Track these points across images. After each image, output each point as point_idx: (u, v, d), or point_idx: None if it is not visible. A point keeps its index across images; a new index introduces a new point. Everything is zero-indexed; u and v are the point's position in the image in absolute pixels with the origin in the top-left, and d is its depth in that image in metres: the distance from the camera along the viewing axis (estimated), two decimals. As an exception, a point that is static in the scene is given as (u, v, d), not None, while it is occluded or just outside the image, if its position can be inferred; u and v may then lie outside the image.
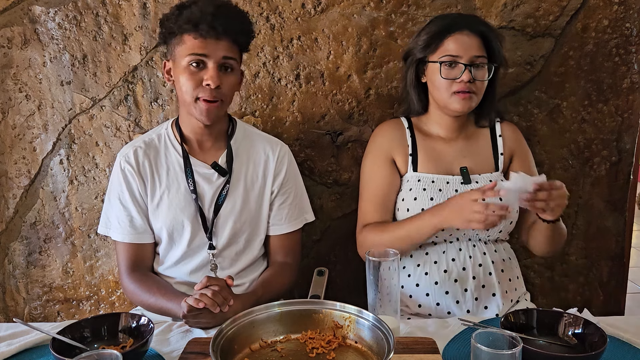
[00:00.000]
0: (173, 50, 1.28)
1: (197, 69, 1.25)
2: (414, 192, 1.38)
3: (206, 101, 1.26)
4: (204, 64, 1.25)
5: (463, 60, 1.33)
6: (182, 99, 1.29)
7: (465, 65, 1.32)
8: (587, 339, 1.02)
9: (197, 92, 1.25)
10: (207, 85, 1.24)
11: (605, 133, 1.72)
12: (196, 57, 1.24)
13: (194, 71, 1.25)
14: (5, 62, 1.69)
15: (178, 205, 1.35)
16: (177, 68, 1.28)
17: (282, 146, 1.45)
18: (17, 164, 1.76)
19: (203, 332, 1.15)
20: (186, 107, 1.30)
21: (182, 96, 1.28)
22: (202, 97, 1.25)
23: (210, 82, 1.23)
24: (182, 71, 1.26)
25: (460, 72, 1.33)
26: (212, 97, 1.25)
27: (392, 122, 1.49)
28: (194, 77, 1.25)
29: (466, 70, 1.32)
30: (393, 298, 1.07)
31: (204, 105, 1.26)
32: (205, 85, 1.24)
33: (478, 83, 1.35)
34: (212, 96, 1.25)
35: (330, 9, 1.64)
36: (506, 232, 1.44)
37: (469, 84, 1.33)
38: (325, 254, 1.80)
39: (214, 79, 1.23)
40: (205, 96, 1.25)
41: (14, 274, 1.84)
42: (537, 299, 1.81)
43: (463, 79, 1.32)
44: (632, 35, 1.65)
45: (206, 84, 1.24)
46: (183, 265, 1.39)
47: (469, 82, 1.32)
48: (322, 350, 0.97)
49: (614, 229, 1.79)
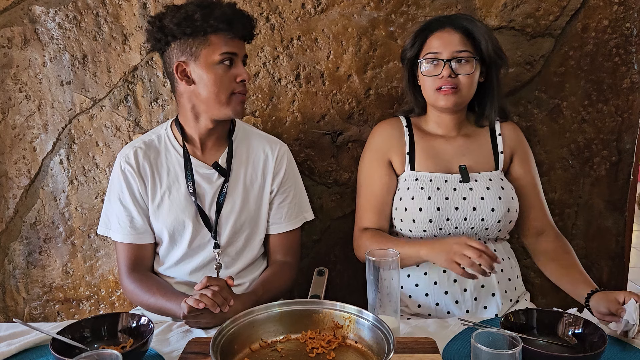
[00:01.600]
0: (197, 50, 1.26)
1: (228, 67, 1.29)
2: (412, 191, 1.38)
3: (242, 94, 1.31)
4: (233, 61, 1.29)
5: (443, 56, 1.34)
6: (211, 97, 1.28)
7: (445, 61, 1.33)
8: (587, 339, 1.03)
9: (231, 88, 1.29)
10: (241, 81, 1.30)
11: (605, 133, 1.72)
12: (229, 55, 1.28)
13: (225, 69, 1.28)
14: (5, 62, 1.69)
15: (179, 206, 1.35)
16: (202, 68, 1.27)
17: (281, 145, 1.45)
18: (17, 164, 1.76)
19: (203, 332, 1.15)
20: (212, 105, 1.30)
21: (212, 95, 1.28)
22: (238, 91, 1.30)
23: (245, 77, 1.30)
24: (210, 70, 1.27)
25: (441, 68, 1.34)
26: (246, 91, 1.34)
27: (390, 121, 1.50)
28: (227, 75, 1.29)
29: (446, 66, 1.33)
30: (393, 298, 1.07)
31: (240, 99, 1.31)
32: (240, 81, 1.30)
33: (462, 78, 1.35)
34: (245, 90, 1.33)
35: (330, 9, 1.64)
36: (506, 231, 1.44)
37: (451, 79, 1.33)
38: (325, 254, 1.80)
39: (248, 74, 1.31)
40: (240, 90, 1.31)
41: (14, 274, 1.84)
42: (537, 299, 1.80)
43: (443, 75, 1.33)
44: (632, 35, 1.65)
45: (241, 80, 1.30)
46: (183, 265, 1.39)
47: (450, 77, 1.33)
48: (322, 350, 0.97)
49: (614, 229, 1.78)
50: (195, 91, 1.29)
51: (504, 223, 1.38)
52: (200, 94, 1.29)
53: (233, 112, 1.31)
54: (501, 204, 1.36)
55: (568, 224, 1.78)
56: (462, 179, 1.38)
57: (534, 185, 1.46)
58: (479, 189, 1.37)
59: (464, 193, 1.36)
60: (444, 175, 1.40)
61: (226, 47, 1.26)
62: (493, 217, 1.36)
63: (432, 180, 1.39)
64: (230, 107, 1.30)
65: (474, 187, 1.37)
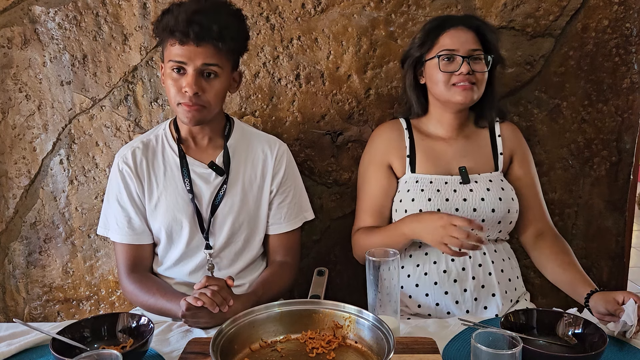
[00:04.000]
0: (162, 54, 1.31)
1: (178, 75, 1.25)
2: (412, 193, 1.38)
3: (187, 105, 1.26)
4: (184, 70, 1.25)
5: (460, 52, 1.34)
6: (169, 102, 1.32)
7: (463, 58, 1.33)
8: (587, 339, 1.03)
9: (178, 97, 1.26)
10: (185, 92, 1.24)
11: (605, 133, 1.72)
12: (175, 63, 1.24)
13: (175, 77, 1.26)
14: (5, 62, 1.69)
15: (176, 205, 1.35)
16: (165, 72, 1.29)
17: (281, 145, 1.45)
18: (17, 164, 1.76)
19: (203, 332, 1.15)
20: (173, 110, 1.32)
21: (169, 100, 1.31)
22: (182, 102, 1.26)
23: (187, 89, 1.24)
24: (167, 76, 1.28)
25: (459, 65, 1.33)
26: (192, 103, 1.25)
27: (390, 124, 1.49)
28: (176, 83, 1.26)
29: (464, 62, 1.33)
30: (393, 298, 1.07)
31: (185, 109, 1.26)
32: (184, 91, 1.25)
33: (478, 75, 1.35)
34: (191, 102, 1.25)
35: (330, 9, 1.64)
36: (506, 232, 1.44)
37: (469, 75, 1.33)
38: (325, 254, 1.80)
39: (191, 86, 1.23)
40: (184, 102, 1.25)
41: (14, 274, 1.84)
42: (537, 299, 1.80)
43: (462, 71, 1.33)
44: (632, 35, 1.65)
45: (184, 91, 1.24)
46: (182, 265, 1.39)
47: (468, 74, 1.33)
48: (322, 350, 0.97)
49: (614, 229, 1.78)
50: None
51: (504, 224, 1.38)
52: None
53: (183, 120, 1.29)
54: (501, 205, 1.36)
55: (568, 224, 1.78)
56: (462, 181, 1.38)
57: (533, 186, 1.46)
58: (479, 190, 1.37)
59: (464, 194, 1.36)
60: (444, 177, 1.40)
61: (173, 55, 1.24)
62: (493, 218, 1.36)
63: (433, 182, 1.39)
64: (180, 115, 1.29)
65: (474, 189, 1.37)
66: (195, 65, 1.23)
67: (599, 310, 1.14)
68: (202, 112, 1.28)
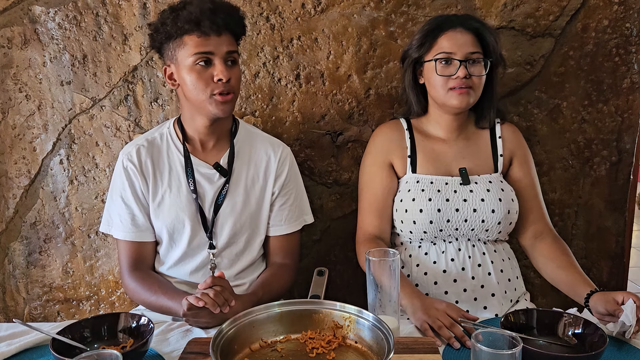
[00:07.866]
0: (174, 53, 1.29)
1: (204, 67, 1.26)
2: (412, 193, 1.38)
3: (222, 95, 1.27)
4: (210, 61, 1.26)
5: (457, 56, 1.33)
6: (194, 99, 1.29)
7: (460, 62, 1.32)
8: (587, 339, 1.03)
9: (210, 89, 1.27)
10: (219, 80, 1.26)
11: (605, 133, 1.72)
12: (202, 55, 1.25)
13: (201, 70, 1.26)
14: (5, 62, 1.69)
15: (179, 204, 1.35)
16: (182, 70, 1.28)
17: (284, 148, 1.45)
18: (17, 164, 1.76)
19: (203, 332, 1.15)
20: (198, 106, 1.30)
21: (193, 96, 1.29)
22: (217, 91, 1.27)
23: (222, 77, 1.26)
24: (189, 72, 1.27)
25: (456, 68, 1.33)
26: (226, 91, 1.28)
27: (391, 124, 1.49)
28: (203, 76, 1.26)
29: (461, 66, 1.32)
30: (393, 298, 1.07)
31: (220, 99, 1.27)
32: (217, 80, 1.26)
33: (475, 79, 1.35)
34: (225, 90, 1.27)
35: (330, 9, 1.64)
36: (506, 233, 1.44)
37: (466, 79, 1.33)
38: (325, 254, 1.80)
39: (224, 73, 1.26)
40: (219, 90, 1.27)
41: (14, 274, 1.84)
42: (537, 299, 1.80)
43: (459, 75, 1.32)
44: (632, 35, 1.65)
45: (218, 79, 1.26)
46: (183, 265, 1.39)
47: (465, 78, 1.33)
48: (322, 350, 0.97)
49: (614, 229, 1.78)
50: (183, 93, 1.31)
51: (504, 224, 1.38)
52: (187, 96, 1.31)
53: (216, 113, 1.29)
54: (501, 206, 1.36)
55: (568, 224, 1.78)
56: (463, 182, 1.38)
57: (532, 187, 1.46)
58: (479, 191, 1.37)
59: (465, 195, 1.36)
60: (445, 178, 1.40)
61: (197, 47, 1.25)
62: (493, 219, 1.36)
63: (433, 183, 1.39)
64: (212, 107, 1.29)
65: (474, 189, 1.37)
66: (221, 54, 1.26)
67: (599, 310, 1.14)
68: (233, 100, 1.31)
